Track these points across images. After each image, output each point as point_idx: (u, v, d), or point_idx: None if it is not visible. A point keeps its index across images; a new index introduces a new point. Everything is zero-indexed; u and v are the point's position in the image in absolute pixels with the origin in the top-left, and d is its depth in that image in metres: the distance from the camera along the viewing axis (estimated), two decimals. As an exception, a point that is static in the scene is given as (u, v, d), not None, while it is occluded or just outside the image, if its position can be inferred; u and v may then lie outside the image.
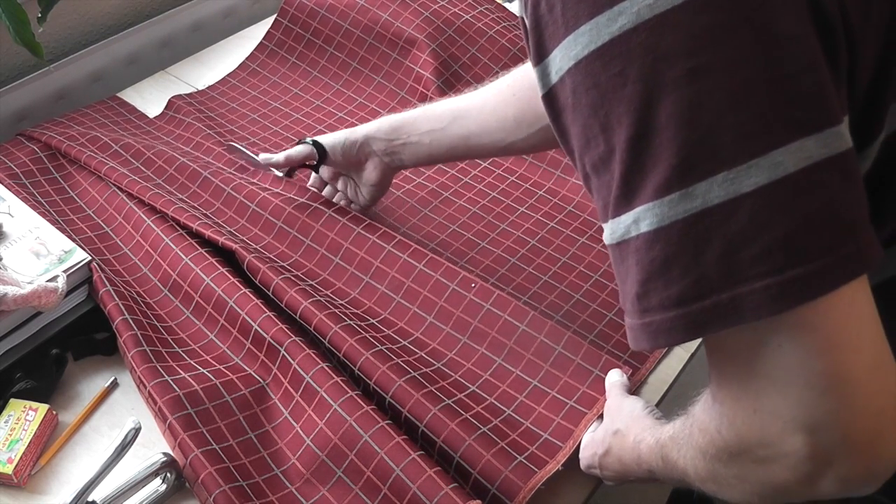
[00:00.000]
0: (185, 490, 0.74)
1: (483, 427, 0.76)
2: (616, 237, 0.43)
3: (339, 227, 0.94)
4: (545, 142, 0.85)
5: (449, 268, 0.90)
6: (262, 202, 0.98)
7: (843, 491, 0.42)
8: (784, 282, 0.38)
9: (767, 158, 0.37)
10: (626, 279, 0.43)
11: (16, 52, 1.13)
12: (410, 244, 0.92)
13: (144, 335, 0.82)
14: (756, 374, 0.41)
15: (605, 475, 0.70)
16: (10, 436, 0.75)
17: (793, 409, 0.40)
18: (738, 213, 0.38)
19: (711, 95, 0.38)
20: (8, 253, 0.86)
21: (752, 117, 0.38)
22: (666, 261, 0.40)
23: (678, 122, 0.38)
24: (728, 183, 0.38)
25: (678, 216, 0.39)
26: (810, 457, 0.41)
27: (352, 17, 1.25)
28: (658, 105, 0.38)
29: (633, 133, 0.40)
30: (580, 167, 0.45)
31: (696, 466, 0.50)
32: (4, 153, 1.05)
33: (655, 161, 0.39)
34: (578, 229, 1.01)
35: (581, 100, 0.42)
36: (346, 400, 0.76)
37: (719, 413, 0.45)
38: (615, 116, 0.40)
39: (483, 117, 0.87)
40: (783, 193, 0.38)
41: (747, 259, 0.38)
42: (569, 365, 0.82)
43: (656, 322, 0.41)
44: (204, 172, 1.01)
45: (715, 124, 0.38)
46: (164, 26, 1.29)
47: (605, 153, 0.42)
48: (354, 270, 0.92)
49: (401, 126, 0.91)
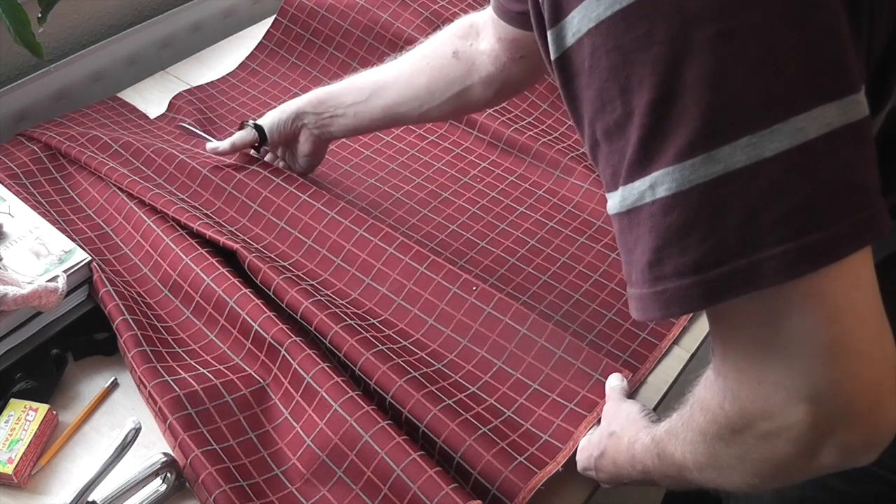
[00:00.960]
0: (185, 490, 0.74)
1: (483, 428, 0.76)
2: (627, 204, 0.42)
3: (341, 228, 0.94)
4: (457, 110, 0.90)
5: (450, 270, 0.90)
6: (264, 202, 0.98)
7: (843, 462, 0.43)
8: (802, 247, 0.38)
9: (789, 124, 0.37)
10: (634, 248, 0.43)
11: (16, 52, 1.13)
12: (412, 246, 0.92)
13: (145, 335, 0.82)
14: (762, 345, 0.42)
15: (601, 477, 0.70)
16: (10, 436, 0.75)
17: (797, 379, 0.41)
18: (759, 178, 0.38)
19: (739, 59, 0.38)
20: (8, 253, 0.86)
21: (777, 82, 0.38)
22: (684, 226, 0.40)
23: (704, 85, 0.38)
24: (751, 147, 0.38)
25: (699, 180, 0.39)
26: (812, 426, 0.41)
27: (352, 18, 1.25)
28: (684, 67, 0.38)
29: (656, 95, 0.39)
30: (588, 134, 0.44)
31: (696, 452, 0.50)
32: (4, 153, 1.05)
33: (678, 124, 0.39)
34: (578, 229, 1.01)
35: (600, 62, 0.41)
36: (347, 400, 0.76)
37: (722, 387, 0.45)
38: (637, 78, 0.40)
39: (399, 88, 0.90)
40: (804, 159, 0.38)
41: (767, 224, 0.38)
42: (569, 369, 0.83)
43: (670, 290, 0.41)
44: (203, 170, 1.01)
45: (741, 88, 0.38)
46: (164, 26, 1.29)
47: (622, 117, 0.41)
48: (356, 272, 0.92)
49: (327, 99, 0.95)
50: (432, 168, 1.10)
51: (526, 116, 1.17)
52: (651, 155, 0.40)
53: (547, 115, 1.19)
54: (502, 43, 0.82)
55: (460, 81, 0.87)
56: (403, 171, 1.10)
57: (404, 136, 1.16)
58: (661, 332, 0.89)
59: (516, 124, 1.14)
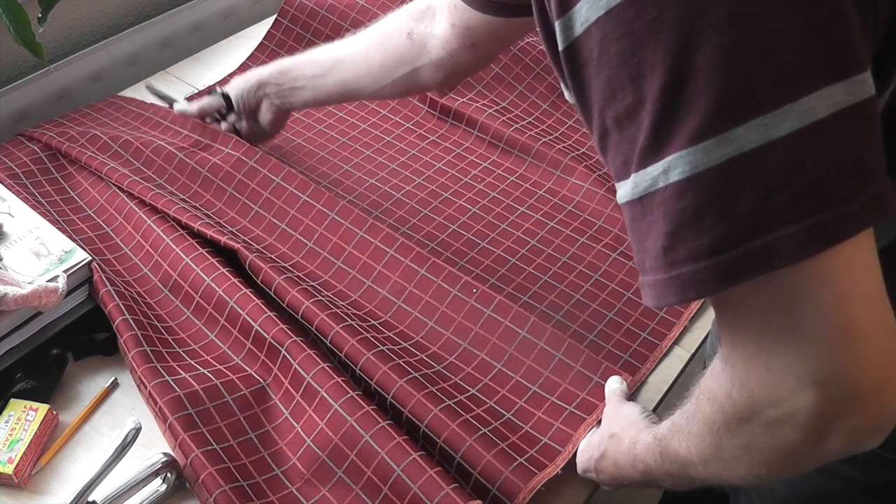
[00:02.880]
0: (185, 490, 0.74)
1: (483, 429, 0.76)
2: (639, 191, 0.42)
3: (342, 230, 0.94)
4: (408, 89, 0.93)
5: (451, 273, 0.90)
6: (265, 203, 0.98)
7: (849, 447, 0.43)
8: (813, 225, 0.38)
9: (800, 104, 0.38)
10: (647, 235, 0.43)
11: (16, 52, 1.13)
12: (412, 248, 0.92)
13: (145, 335, 0.82)
14: (771, 331, 0.42)
15: (601, 479, 0.70)
16: (10, 436, 0.75)
17: (805, 364, 0.41)
18: (771, 159, 0.38)
19: (750, 41, 0.38)
20: (8, 253, 0.86)
21: (788, 63, 0.38)
22: (698, 209, 0.40)
23: (716, 68, 0.38)
24: (763, 128, 0.38)
25: (712, 162, 0.39)
26: (820, 412, 0.41)
27: (352, 18, 1.25)
28: (696, 51, 0.38)
29: (668, 80, 0.39)
30: (598, 124, 0.44)
31: (701, 444, 0.50)
32: (5, 153, 1.05)
33: (690, 107, 0.39)
34: (578, 229, 1.01)
35: (610, 49, 0.41)
36: (347, 400, 0.76)
37: (730, 376, 0.45)
38: (648, 64, 0.40)
39: (355, 65, 0.93)
40: (813, 139, 0.38)
41: (779, 204, 0.38)
42: (569, 371, 0.83)
43: (685, 274, 0.41)
44: (203, 170, 1.01)
45: (752, 70, 0.38)
46: (164, 26, 1.29)
47: (633, 104, 0.41)
48: (356, 274, 0.92)
49: (288, 70, 0.98)
50: (433, 168, 1.10)
51: (526, 116, 1.17)
52: (664, 139, 0.40)
53: (547, 114, 1.19)
54: (455, 29, 0.83)
55: (411, 62, 0.89)
56: (404, 171, 1.10)
57: (405, 136, 1.16)
58: (661, 332, 0.89)
59: (517, 124, 1.14)
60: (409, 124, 1.18)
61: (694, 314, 0.91)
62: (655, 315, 0.91)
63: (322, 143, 1.14)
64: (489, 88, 1.21)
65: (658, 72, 0.39)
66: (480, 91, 1.20)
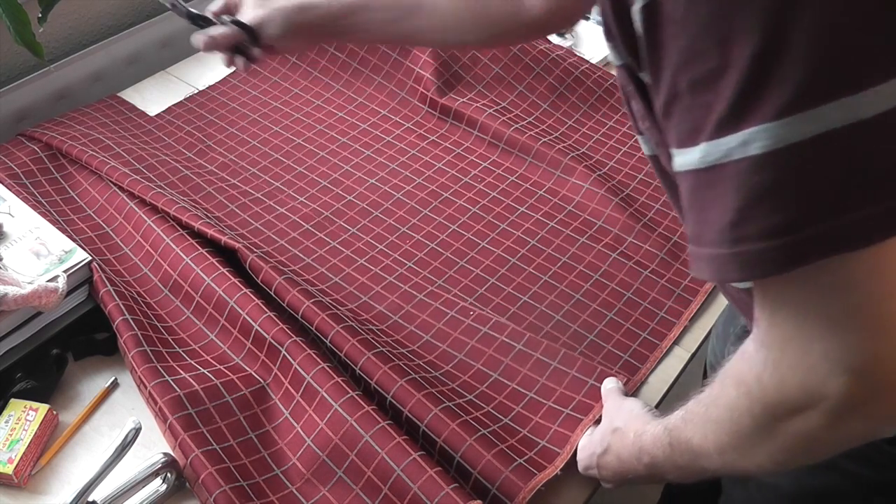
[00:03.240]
0: (185, 490, 0.74)
1: (483, 430, 0.76)
2: (709, 161, 0.41)
3: (341, 256, 0.94)
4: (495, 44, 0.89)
5: (448, 299, 0.91)
6: (267, 224, 0.98)
7: (868, 433, 0.44)
8: (884, 212, 0.38)
9: (889, 85, 0.37)
10: (711, 207, 0.42)
11: (16, 52, 1.12)
12: (411, 278, 0.94)
13: (145, 335, 0.82)
14: (816, 316, 0.41)
15: (603, 475, 0.70)
16: (10, 436, 0.75)
17: (843, 352, 0.41)
18: (854, 141, 0.37)
19: (850, 15, 0.37)
20: (8, 253, 0.86)
21: (881, 42, 0.37)
22: (774, 186, 0.39)
23: (813, 41, 0.37)
24: (849, 108, 0.37)
25: (795, 139, 0.38)
26: (848, 398, 0.41)
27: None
28: (794, 21, 0.37)
29: (760, 48, 0.38)
30: (668, 85, 0.43)
31: (719, 431, 0.50)
32: (5, 153, 1.05)
33: (781, 79, 0.38)
34: (578, 229, 1.01)
35: (699, 9, 0.39)
36: (347, 400, 0.76)
37: (764, 358, 0.45)
38: (741, 30, 0.38)
39: (438, 16, 0.82)
40: None
41: (855, 187, 0.38)
42: (564, 378, 0.83)
43: (752, 252, 0.40)
44: (208, 188, 1.01)
45: (848, 46, 0.37)
46: (164, 26, 1.29)
47: (717, 68, 0.39)
48: (353, 290, 0.92)
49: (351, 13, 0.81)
50: (433, 168, 1.10)
51: (526, 116, 1.17)
52: (746, 110, 0.39)
53: (547, 114, 1.19)
54: None
55: None
56: (404, 171, 1.10)
57: (405, 136, 1.16)
58: (661, 332, 0.89)
59: (517, 124, 1.14)
60: (409, 124, 1.18)
61: (694, 314, 0.91)
62: (655, 315, 0.91)
63: (322, 143, 1.14)
64: (489, 88, 1.21)
65: (750, 39, 0.38)
66: (480, 91, 1.20)
